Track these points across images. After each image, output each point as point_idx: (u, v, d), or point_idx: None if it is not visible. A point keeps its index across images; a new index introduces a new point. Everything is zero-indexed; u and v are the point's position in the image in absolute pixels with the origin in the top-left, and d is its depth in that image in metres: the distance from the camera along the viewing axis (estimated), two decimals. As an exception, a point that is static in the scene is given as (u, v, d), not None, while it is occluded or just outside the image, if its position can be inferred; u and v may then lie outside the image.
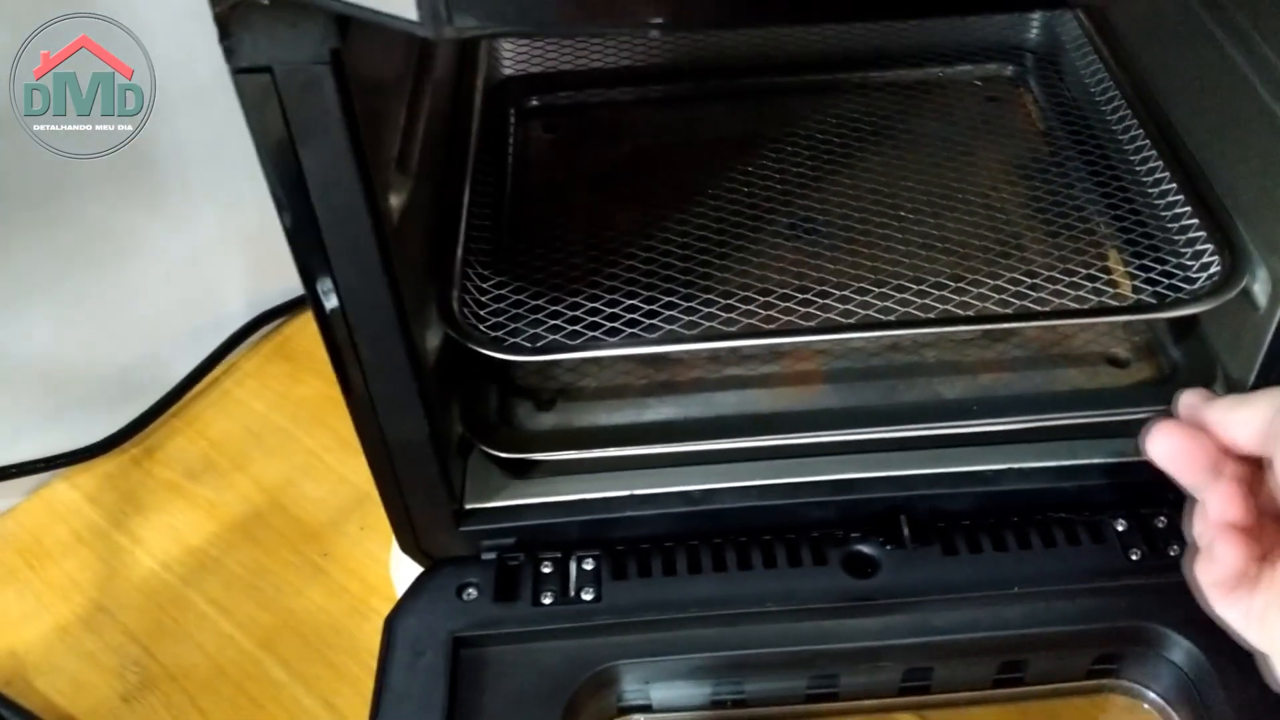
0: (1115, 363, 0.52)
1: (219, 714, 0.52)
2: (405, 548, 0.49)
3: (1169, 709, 0.47)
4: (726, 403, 0.51)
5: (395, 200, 0.42)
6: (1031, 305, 0.49)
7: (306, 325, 0.70)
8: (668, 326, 0.49)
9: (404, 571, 0.51)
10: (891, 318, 0.49)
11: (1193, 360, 0.51)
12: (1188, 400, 0.38)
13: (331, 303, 0.40)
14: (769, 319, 0.49)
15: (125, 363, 0.63)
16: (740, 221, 0.55)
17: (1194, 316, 0.51)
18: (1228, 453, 0.36)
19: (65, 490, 0.62)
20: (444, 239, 0.50)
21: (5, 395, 0.59)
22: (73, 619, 0.56)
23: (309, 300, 0.40)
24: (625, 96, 0.65)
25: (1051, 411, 0.49)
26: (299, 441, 0.63)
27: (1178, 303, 0.48)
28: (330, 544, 0.59)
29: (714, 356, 0.53)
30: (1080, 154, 0.58)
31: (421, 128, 0.46)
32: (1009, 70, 0.66)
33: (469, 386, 0.51)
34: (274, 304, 0.69)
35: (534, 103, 0.64)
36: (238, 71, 0.35)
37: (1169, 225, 0.51)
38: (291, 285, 0.69)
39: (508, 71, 0.65)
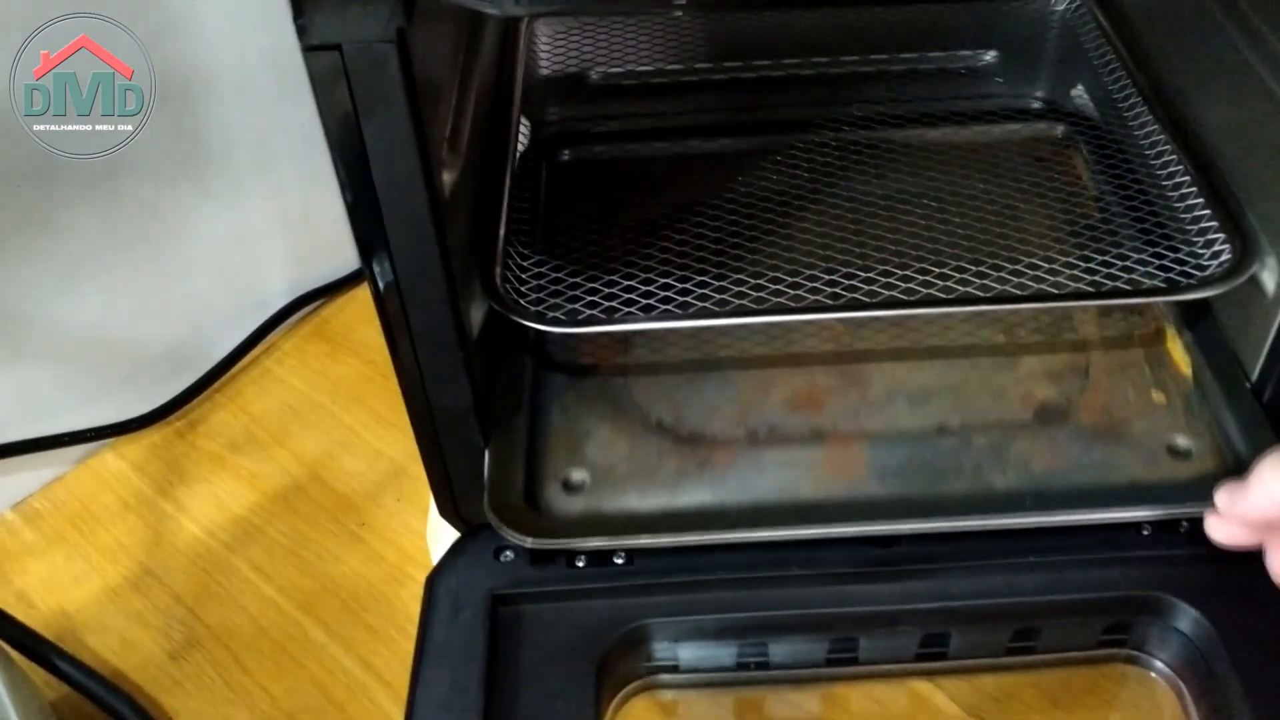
0: (1176, 453, 0.50)
1: (261, 671, 0.54)
2: (445, 514, 0.51)
3: (1177, 678, 0.49)
4: (765, 488, 0.49)
5: (448, 177, 0.44)
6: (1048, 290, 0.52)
7: (345, 307, 0.72)
8: (700, 305, 0.51)
9: (441, 540, 0.53)
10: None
11: (1210, 355, 0.52)
12: (1222, 501, 0.42)
13: (386, 273, 0.42)
14: (796, 300, 0.52)
15: (171, 339, 0.66)
16: (767, 212, 0.57)
17: (1207, 305, 0.53)
18: None
19: (113, 460, 0.64)
20: (487, 219, 0.52)
21: (58, 367, 0.61)
22: (121, 581, 0.58)
23: (365, 270, 0.42)
24: (658, 91, 0.67)
25: (1107, 506, 0.48)
26: (337, 418, 0.66)
27: (1189, 287, 0.50)
28: (367, 515, 0.61)
29: (753, 437, 0.51)
30: (1096, 151, 0.61)
31: (470, 110, 0.49)
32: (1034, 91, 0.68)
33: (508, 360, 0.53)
34: (314, 286, 0.71)
35: (567, 103, 0.66)
36: (308, 49, 0.37)
37: (1182, 216, 0.53)
38: (331, 268, 0.72)
39: (544, 72, 0.68)
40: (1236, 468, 0.48)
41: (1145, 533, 0.49)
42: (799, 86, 0.66)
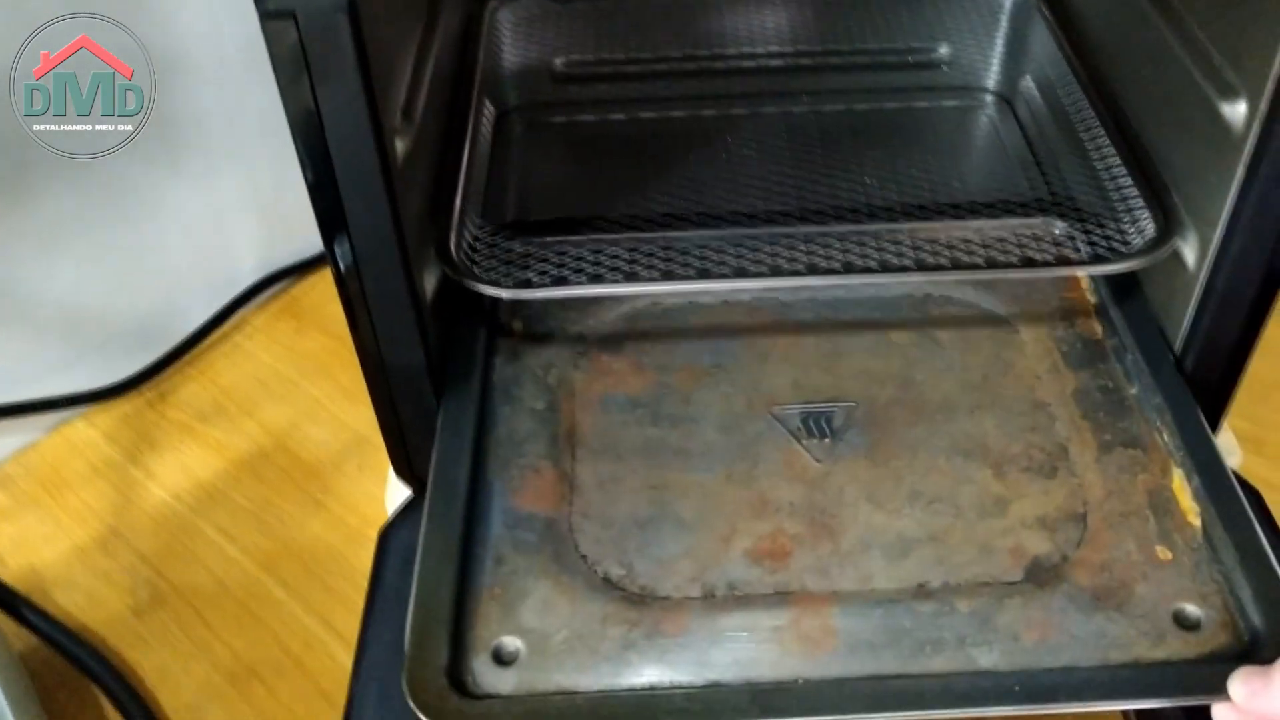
0: (1184, 624, 0.43)
1: (223, 627, 0.56)
2: (399, 473, 0.53)
3: None
4: (723, 664, 0.42)
5: (400, 144, 0.46)
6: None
7: (314, 286, 0.74)
8: (647, 274, 0.54)
9: (399, 504, 0.55)
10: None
11: (1137, 328, 0.54)
12: (1239, 692, 0.38)
13: (340, 234, 0.44)
14: (739, 271, 0.54)
15: (143, 312, 0.68)
16: (715, 189, 0.60)
17: (1137, 281, 0.55)
18: None
19: (84, 428, 0.66)
20: (445, 192, 0.54)
21: (32, 336, 0.64)
22: (89, 542, 0.60)
23: (320, 232, 0.45)
24: (616, 76, 0.69)
25: (1107, 698, 0.42)
26: (303, 390, 0.68)
27: (1114, 260, 0.52)
28: (330, 481, 0.63)
29: (710, 598, 0.44)
30: (1038, 137, 0.63)
31: (426, 85, 0.51)
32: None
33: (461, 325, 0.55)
34: (283, 265, 0.74)
35: (529, 81, 0.69)
36: (265, 16, 0.40)
37: (1112, 196, 0.56)
38: (300, 248, 0.75)
39: (507, 57, 0.70)
40: (1252, 643, 0.42)
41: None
42: (753, 75, 0.69)
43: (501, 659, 0.43)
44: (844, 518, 0.46)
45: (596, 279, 0.53)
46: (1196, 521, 0.46)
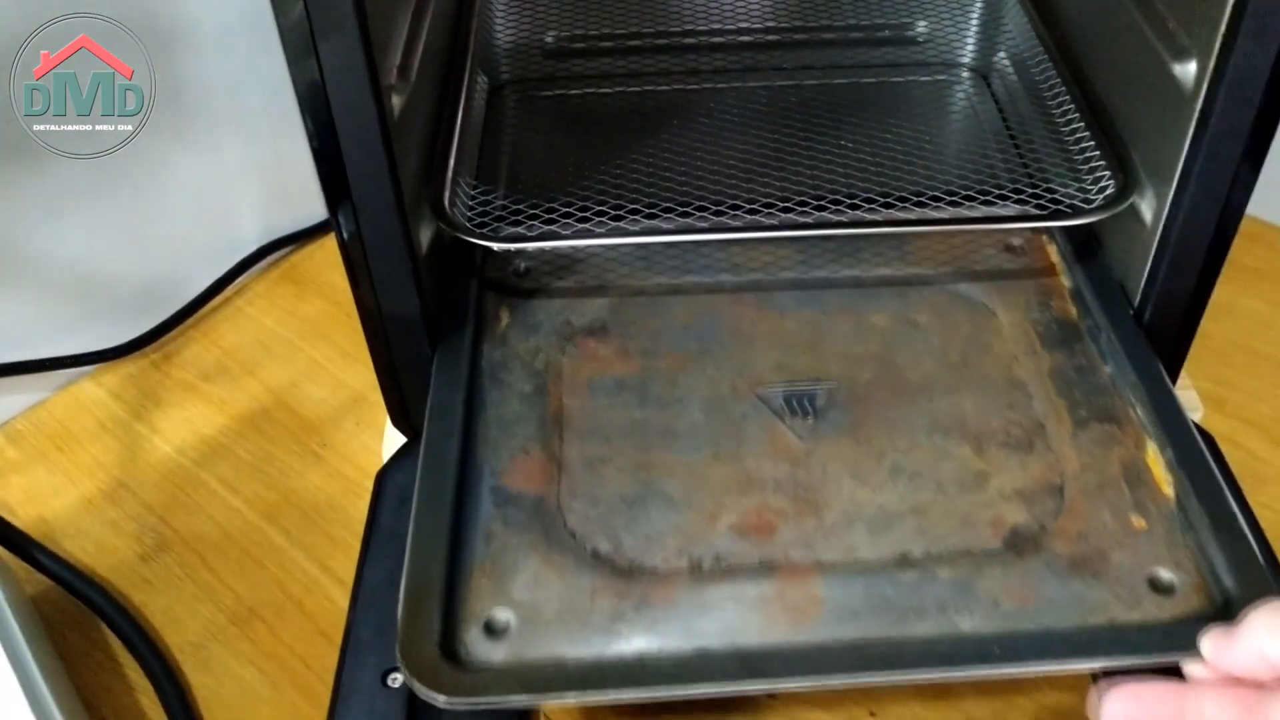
0: (1159, 588, 0.45)
1: (226, 571, 0.59)
2: (395, 421, 0.56)
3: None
4: (711, 631, 0.43)
5: (397, 100, 0.49)
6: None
7: (314, 254, 0.77)
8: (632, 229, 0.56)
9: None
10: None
11: (1097, 284, 0.56)
12: (1208, 649, 0.39)
13: (341, 187, 0.47)
14: (719, 225, 0.56)
15: (149, 276, 0.70)
16: (697, 150, 0.62)
17: (1095, 235, 0.58)
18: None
19: (91, 387, 0.69)
20: (439, 152, 0.57)
21: (42, 298, 0.66)
22: (96, 493, 0.63)
23: (321, 184, 0.47)
24: (608, 48, 0.72)
25: (1083, 657, 0.43)
26: (303, 351, 0.70)
27: (1075, 214, 0.55)
28: (329, 436, 0.65)
29: (696, 570, 0.46)
30: (1007, 102, 0.66)
31: (420, 47, 0.53)
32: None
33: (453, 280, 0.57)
34: (285, 233, 0.76)
35: (521, 43, 0.71)
36: (268, -29, 0.42)
37: (1075, 156, 0.58)
38: (300, 217, 0.77)
39: (499, 30, 0.73)
40: (1224, 605, 0.44)
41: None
42: (735, 50, 0.71)
43: (493, 631, 0.44)
44: (827, 493, 0.47)
45: (583, 234, 0.56)
46: (1170, 491, 0.48)
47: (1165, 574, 0.45)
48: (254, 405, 0.67)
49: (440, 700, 0.41)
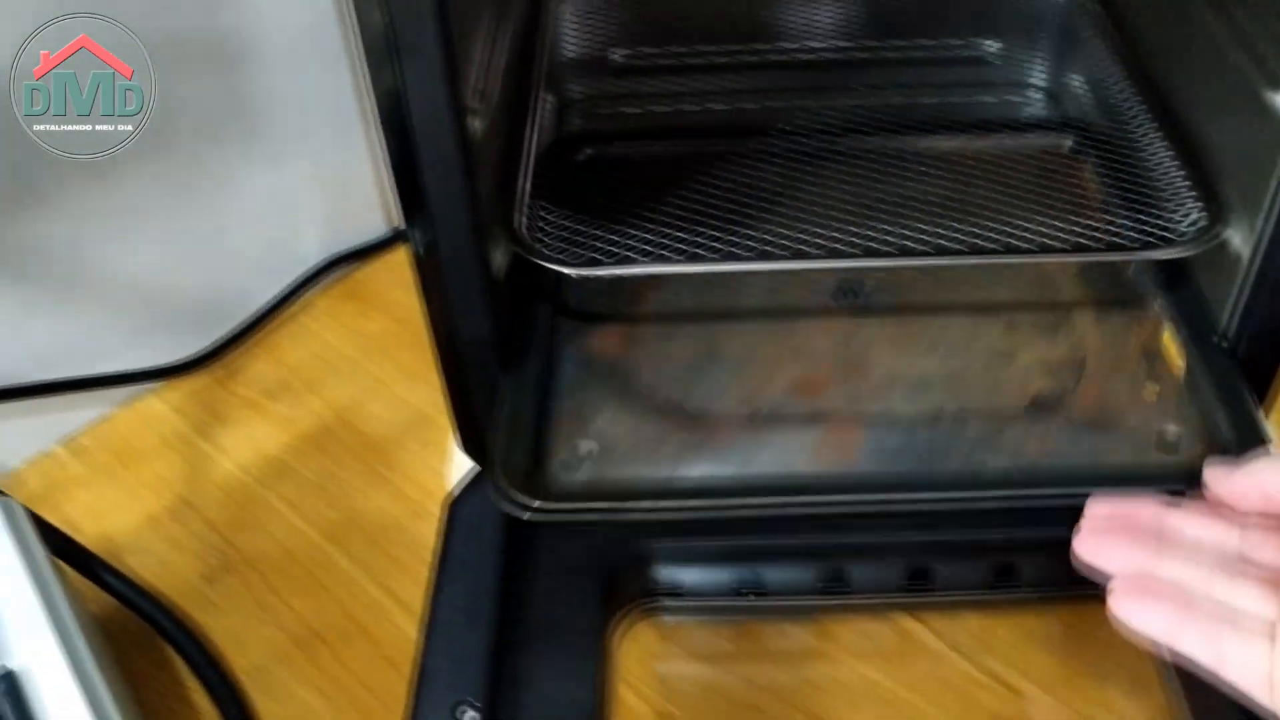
0: (1165, 444, 0.51)
1: (290, 593, 0.58)
2: (465, 447, 0.55)
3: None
4: (766, 461, 0.52)
5: (477, 123, 0.48)
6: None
7: (377, 271, 0.76)
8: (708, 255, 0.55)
9: (460, 480, 0.57)
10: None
11: (1188, 310, 0.56)
12: (1212, 476, 0.39)
13: (419, 207, 0.46)
14: (798, 254, 0.55)
15: (213, 291, 0.70)
16: (777, 174, 0.61)
17: (1188, 271, 0.56)
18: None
19: (155, 403, 0.68)
20: (513, 174, 0.56)
21: (109, 311, 0.66)
22: (160, 510, 0.62)
23: (400, 204, 0.46)
24: (678, 65, 0.71)
25: (1093, 487, 0.43)
26: (365, 369, 0.70)
27: (1165, 246, 0.53)
28: (392, 456, 0.65)
29: (755, 417, 0.53)
30: (1085, 130, 0.64)
31: (498, 70, 0.53)
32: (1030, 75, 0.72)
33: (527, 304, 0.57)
34: (348, 248, 0.76)
35: (589, 65, 0.71)
36: (357, -8, 0.41)
37: (1163, 187, 0.57)
38: (362, 232, 0.77)
39: (568, 50, 0.72)
40: (1224, 455, 0.47)
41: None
42: (807, 69, 0.70)
43: (575, 460, 0.52)
44: (871, 362, 0.53)
45: (660, 259, 0.55)
46: (1181, 363, 0.53)
47: (1172, 430, 0.51)
48: (317, 423, 0.67)
49: (534, 504, 0.49)
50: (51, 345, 0.64)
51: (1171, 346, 0.54)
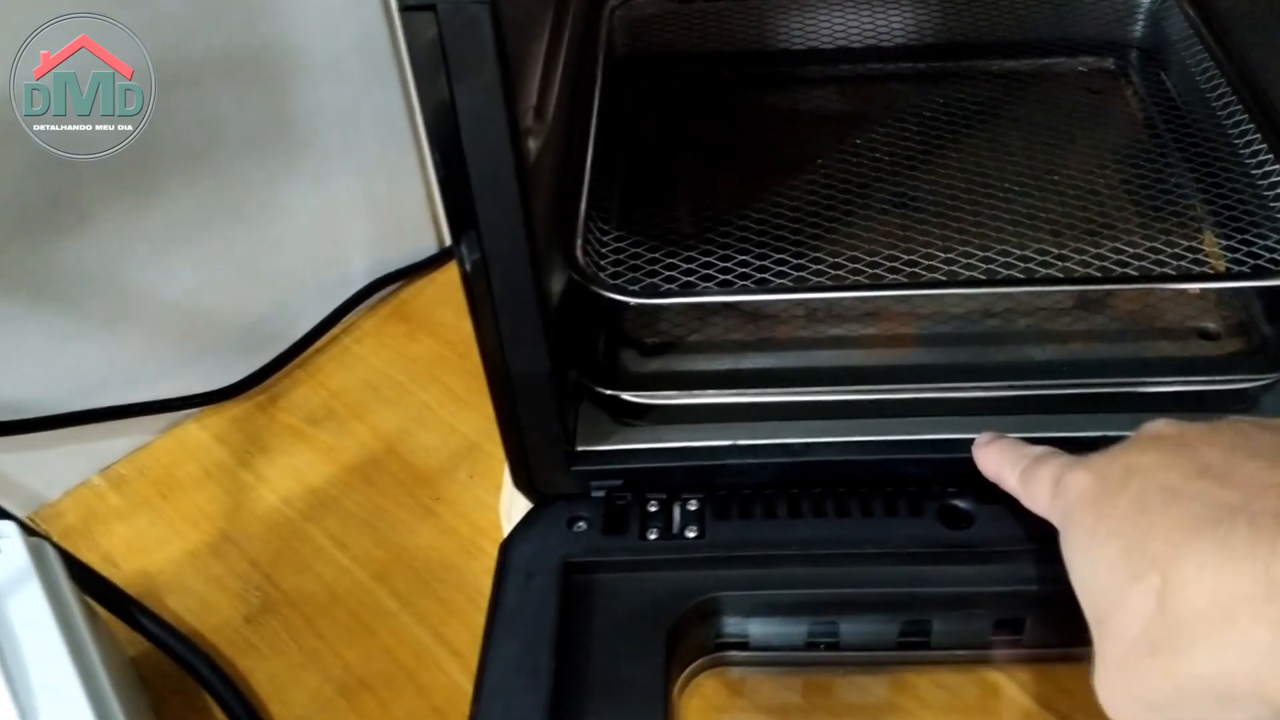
0: (1206, 336, 0.53)
1: (334, 637, 0.55)
2: (519, 484, 0.52)
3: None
4: (823, 358, 0.53)
5: (533, 144, 0.45)
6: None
7: (424, 290, 0.74)
8: (775, 281, 0.52)
9: (514, 515, 0.54)
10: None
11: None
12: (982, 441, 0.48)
13: (471, 233, 0.43)
14: (873, 279, 0.52)
15: (256, 314, 0.67)
16: (846, 192, 0.57)
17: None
18: None
19: (196, 430, 0.66)
20: (569, 194, 0.53)
21: (147, 337, 0.63)
22: (201, 545, 0.60)
23: (450, 230, 0.43)
24: (736, 78, 0.68)
25: (1141, 376, 0.50)
26: (413, 395, 0.67)
27: (1274, 273, 0.49)
28: (441, 489, 0.62)
29: (812, 316, 0.55)
30: (1180, 140, 0.60)
31: (555, 84, 0.49)
32: (1111, 63, 0.67)
33: (582, 334, 0.53)
34: (395, 268, 0.73)
35: (649, 81, 0.67)
36: (405, 9, 0.38)
37: (1272, 205, 0.52)
38: (411, 251, 0.74)
39: (626, 55, 0.69)
40: (1261, 348, 0.52)
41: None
42: (877, 76, 0.67)
43: (645, 351, 0.54)
44: (924, 265, 0.53)
45: (725, 285, 0.51)
46: (1222, 266, 0.53)
47: (1212, 326, 0.53)
48: (363, 453, 0.64)
49: (606, 394, 0.51)
50: (90, 372, 0.62)
51: (1213, 248, 0.54)
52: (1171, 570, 0.35)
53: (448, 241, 0.75)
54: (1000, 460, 0.47)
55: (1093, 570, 0.39)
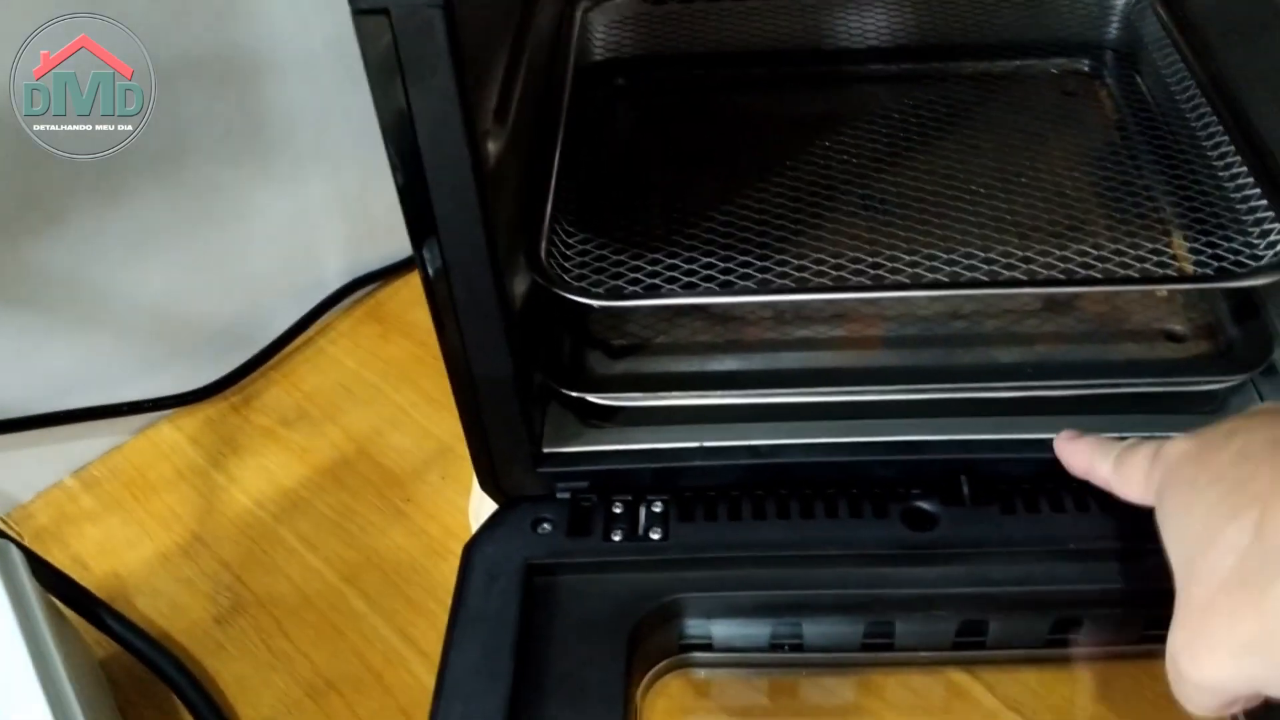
0: (1173, 338, 0.53)
1: (303, 639, 0.55)
2: (485, 486, 0.52)
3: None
4: (791, 360, 0.53)
5: (493, 147, 0.45)
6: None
7: (399, 291, 0.74)
8: (742, 284, 0.52)
9: (482, 517, 0.54)
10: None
11: (1250, 339, 0.52)
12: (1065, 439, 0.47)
13: (430, 238, 0.43)
14: (839, 281, 0.52)
15: (229, 316, 0.67)
16: (814, 195, 0.57)
17: (1256, 295, 0.52)
18: None
19: (169, 431, 0.66)
20: (534, 197, 0.53)
21: (120, 339, 0.63)
22: (172, 547, 0.60)
23: (410, 235, 0.43)
24: (707, 80, 0.68)
25: (1108, 377, 0.51)
26: (387, 396, 0.67)
27: (1239, 274, 0.49)
28: (412, 490, 0.62)
29: (780, 318, 0.55)
30: (1151, 143, 0.60)
31: (519, 86, 0.49)
32: (1085, 65, 0.67)
33: (548, 336, 0.53)
34: (369, 270, 0.73)
35: (620, 83, 0.67)
36: (358, 13, 0.38)
37: (1238, 207, 0.52)
38: (385, 253, 0.74)
39: (597, 56, 0.68)
40: (1227, 350, 0.52)
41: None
42: (850, 79, 0.67)
43: (612, 353, 0.54)
44: (890, 267, 0.53)
45: (690, 287, 0.51)
46: (1190, 269, 0.53)
47: (1179, 328, 0.54)
48: (335, 455, 0.64)
49: (572, 395, 0.51)
50: (63, 373, 0.62)
51: (1180, 251, 0.54)
52: (1273, 502, 0.35)
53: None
54: (1091, 453, 0.46)
55: (1189, 517, 0.38)
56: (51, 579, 0.52)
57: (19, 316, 0.59)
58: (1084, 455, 0.46)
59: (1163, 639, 0.49)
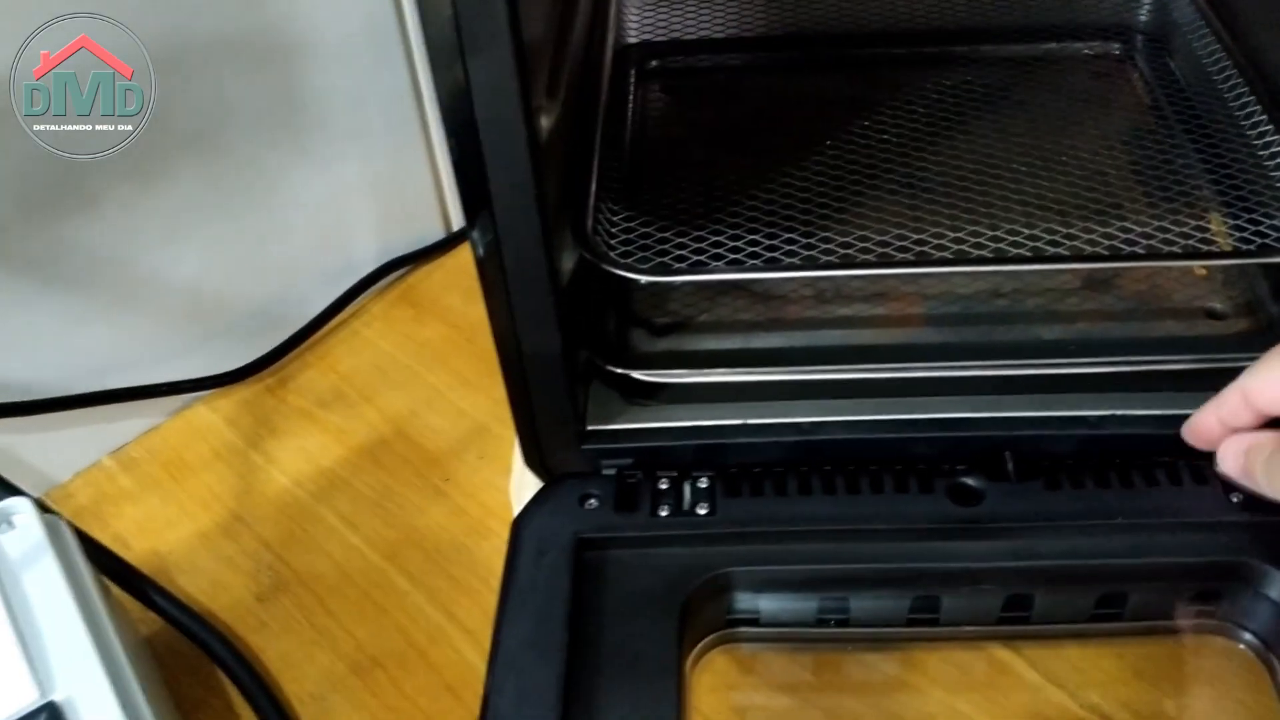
0: (1213, 316, 0.54)
1: (346, 615, 0.55)
2: (530, 463, 0.52)
3: (1266, 651, 0.48)
4: (832, 338, 0.54)
5: (545, 121, 0.45)
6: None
7: (432, 274, 0.74)
8: (785, 261, 0.52)
9: (524, 496, 0.54)
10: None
11: None
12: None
13: (484, 213, 0.43)
14: (883, 259, 0.52)
15: (265, 297, 0.67)
16: (854, 175, 0.58)
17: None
18: None
19: (205, 413, 0.66)
20: (579, 174, 0.53)
21: (157, 320, 0.63)
22: (212, 526, 0.60)
23: (464, 213, 0.43)
24: (741, 64, 0.68)
25: (1149, 354, 0.51)
26: (422, 378, 0.67)
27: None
28: (451, 470, 0.62)
29: (821, 296, 0.55)
30: (1187, 123, 0.60)
31: (568, 64, 0.50)
32: (1116, 49, 0.68)
33: (593, 314, 0.54)
34: (403, 252, 0.73)
35: (654, 65, 0.67)
36: (421, -16, 0.38)
37: (1278, 185, 0.53)
38: (420, 235, 0.74)
39: (631, 39, 0.69)
40: (1268, 327, 0.53)
41: (1235, 500, 0.49)
42: (890, 57, 0.67)
43: (655, 331, 0.55)
44: (931, 246, 0.53)
45: (736, 264, 0.52)
46: (1229, 247, 0.54)
47: (1220, 306, 0.54)
48: (372, 435, 0.64)
49: (616, 372, 0.52)
50: (100, 354, 0.62)
51: (1220, 228, 0.55)
52: None
53: (455, 226, 0.75)
54: (1237, 455, 0.46)
55: None
56: (98, 555, 0.52)
57: (57, 298, 0.59)
58: (1235, 459, 0.47)
59: (1206, 613, 0.49)
